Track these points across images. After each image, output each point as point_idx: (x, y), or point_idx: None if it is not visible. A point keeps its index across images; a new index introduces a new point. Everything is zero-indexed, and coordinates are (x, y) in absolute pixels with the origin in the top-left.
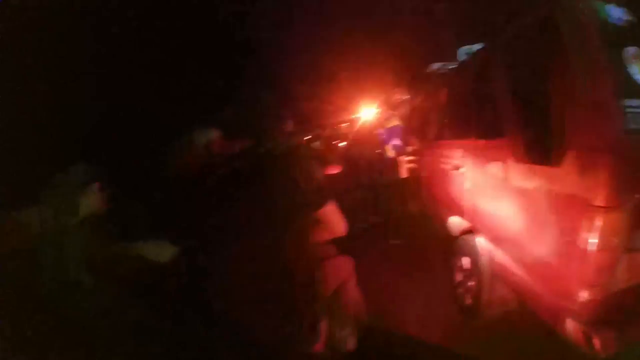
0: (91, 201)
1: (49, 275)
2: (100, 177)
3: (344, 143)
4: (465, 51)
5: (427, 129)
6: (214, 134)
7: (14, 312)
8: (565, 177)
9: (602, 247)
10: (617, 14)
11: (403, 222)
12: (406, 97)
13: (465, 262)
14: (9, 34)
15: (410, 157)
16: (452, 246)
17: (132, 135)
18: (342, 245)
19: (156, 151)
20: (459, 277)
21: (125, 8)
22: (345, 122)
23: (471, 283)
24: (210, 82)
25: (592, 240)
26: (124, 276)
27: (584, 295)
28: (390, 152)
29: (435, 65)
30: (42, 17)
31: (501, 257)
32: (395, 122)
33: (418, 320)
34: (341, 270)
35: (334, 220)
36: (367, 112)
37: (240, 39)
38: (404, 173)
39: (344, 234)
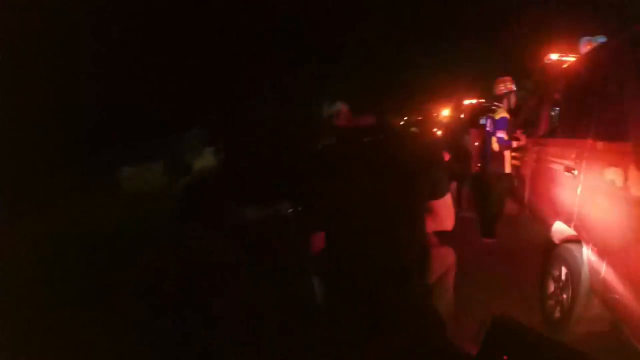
0: (205, 162)
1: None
2: (214, 141)
3: (441, 132)
4: (587, 42)
5: (538, 124)
6: (341, 107)
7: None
8: None
9: None
10: None
11: (500, 221)
12: (514, 88)
13: (563, 272)
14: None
15: (516, 153)
16: (550, 254)
17: (248, 101)
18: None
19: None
20: (551, 287)
21: None
22: (447, 110)
23: (564, 295)
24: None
25: None
26: None
27: None
28: (495, 146)
29: (553, 56)
30: None
31: (606, 272)
32: (502, 114)
33: None
34: (445, 260)
35: (446, 212)
36: (471, 102)
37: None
38: (507, 169)
39: (449, 229)
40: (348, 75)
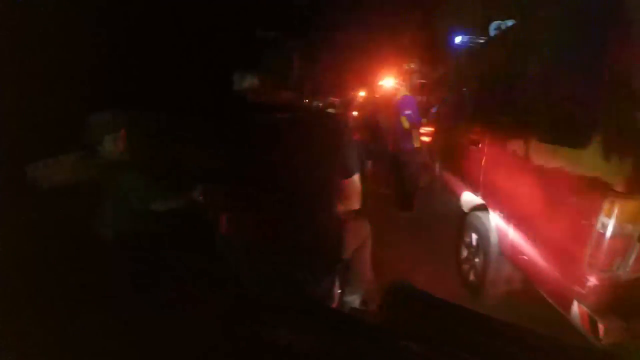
0: (112, 147)
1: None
2: (126, 123)
3: (357, 112)
4: (496, 26)
5: (446, 102)
6: (254, 81)
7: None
8: (591, 159)
9: (618, 233)
10: None
11: (414, 195)
12: (419, 68)
13: (473, 238)
14: None
15: (426, 129)
16: (461, 222)
17: (166, 80)
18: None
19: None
20: (465, 253)
21: None
22: (361, 91)
23: (477, 260)
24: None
25: (609, 225)
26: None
27: (594, 279)
28: (405, 123)
29: (462, 38)
30: None
31: (512, 235)
32: (404, 92)
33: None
34: (360, 233)
35: (353, 192)
36: (384, 83)
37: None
38: (417, 144)
39: (357, 208)
40: (265, 50)
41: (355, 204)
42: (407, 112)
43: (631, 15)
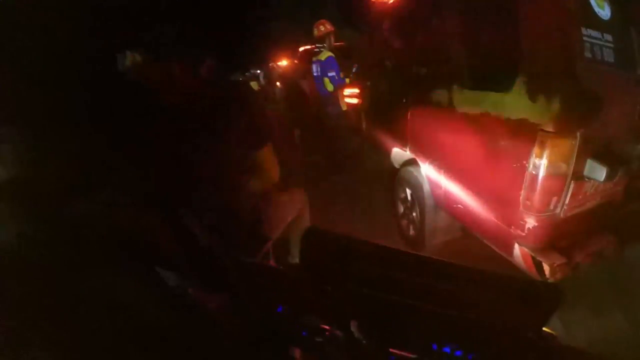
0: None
1: None
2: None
3: (280, 82)
4: None
5: (367, 59)
6: (140, 58)
7: None
8: (516, 102)
9: (551, 173)
10: None
11: (344, 158)
12: (332, 29)
13: (407, 193)
14: None
15: (350, 90)
16: (394, 179)
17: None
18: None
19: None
20: (401, 209)
21: None
22: (283, 60)
23: (414, 214)
24: None
25: (541, 166)
26: None
27: (532, 221)
28: (329, 87)
29: None
30: None
31: (445, 186)
32: (327, 54)
33: None
34: (294, 204)
35: (269, 164)
36: (305, 48)
37: None
38: (343, 107)
39: (275, 180)
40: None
41: (274, 176)
42: (330, 74)
43: None
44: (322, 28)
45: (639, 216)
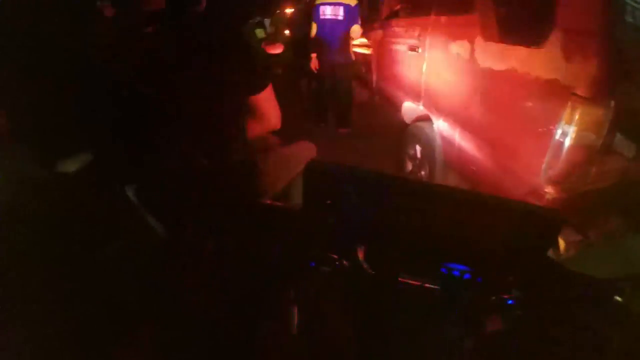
0: None
1: None
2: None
3: (289, 31)
4: None
5: (380, 8)
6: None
7: None
8: (547, 60)
9: (579, 142)
10: None
11: (352, 109)
12: None
13: (417, 150)
14: None
15: (361, 40)
16: (403, 134)
17: None
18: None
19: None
20: (409, 166)
21: None
22: (289, 7)
23: (423, 172)
24: None
25: (569, 134)
26: None
27: (551, 191)
28: (356, 34)
29: None
30: None
31: (459, 146)
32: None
33: None
34: (302, 155)
35: (268, 108)
36: None
37: None
38: (351, 56)
39: (277, 127)
40: None
41: (275, 122)
42: (359, 21)
43: None
44: None
45: None
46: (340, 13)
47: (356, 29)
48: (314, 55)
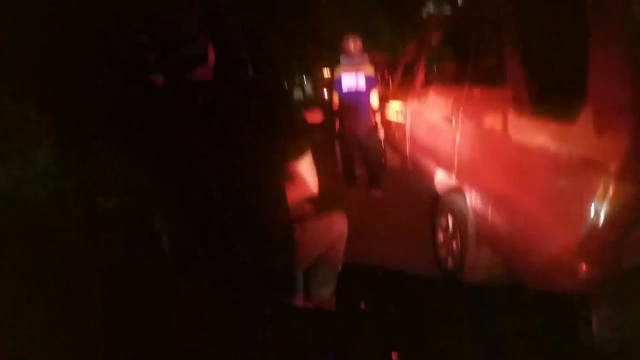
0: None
1: None
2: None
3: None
4: None
5: (415, 76)
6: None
7: None
8: (580, 135)
9: (613, 219)
10: None
11: (384, 172)
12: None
13: (450, 221)
14: None
15: (395, 106)
16: (436, 204)
17: None
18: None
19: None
20: (441, 237)
21: None
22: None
23: (454, 245)
24: None
25: (602, 211)
26: None
27: (584, 271)
28: (375, 101)
29: (430, 10)
30: None
31: (493, 220)
32: (370, 68)
33: None
34: (332, 230)
35: (307, 175)
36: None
37: None
38: (375, 123)
39: (315, 194)
40: None
41: (313, 188)
42: (374, 90)
43: None
44: (356, 44)
45: None
46: (361, 83)
47: (374, 98)
48: (337, 122)
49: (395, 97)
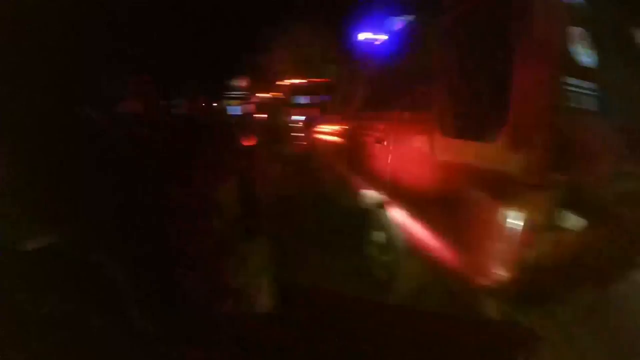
0: None
1: None
2: None
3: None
4: (397, 23)
5: (348, 101)
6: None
7: None
8: (497, 153)
9: (528, 225)
10: None
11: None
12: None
13: (380, 236)
14: None
15: (325, 129)
16: (366, 221)
17: None
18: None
19: None
20: (373, 252)
21: None
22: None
23: (386, 258)
24: None
25: (518, 219)
26: None
27: (505, 273)
28: (305, 122)
29: (364, 35)
30: None
31: (420, 232)
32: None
33: None
34: (256, 256)
35: (228, 199)
36: (291, 82)
37: None
38: (313, 143)
39: (234, 222)
40: None
41: (231, 217)
42: (307, 114)
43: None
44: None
45: (619, 262)
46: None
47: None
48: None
49: (332, 122)
